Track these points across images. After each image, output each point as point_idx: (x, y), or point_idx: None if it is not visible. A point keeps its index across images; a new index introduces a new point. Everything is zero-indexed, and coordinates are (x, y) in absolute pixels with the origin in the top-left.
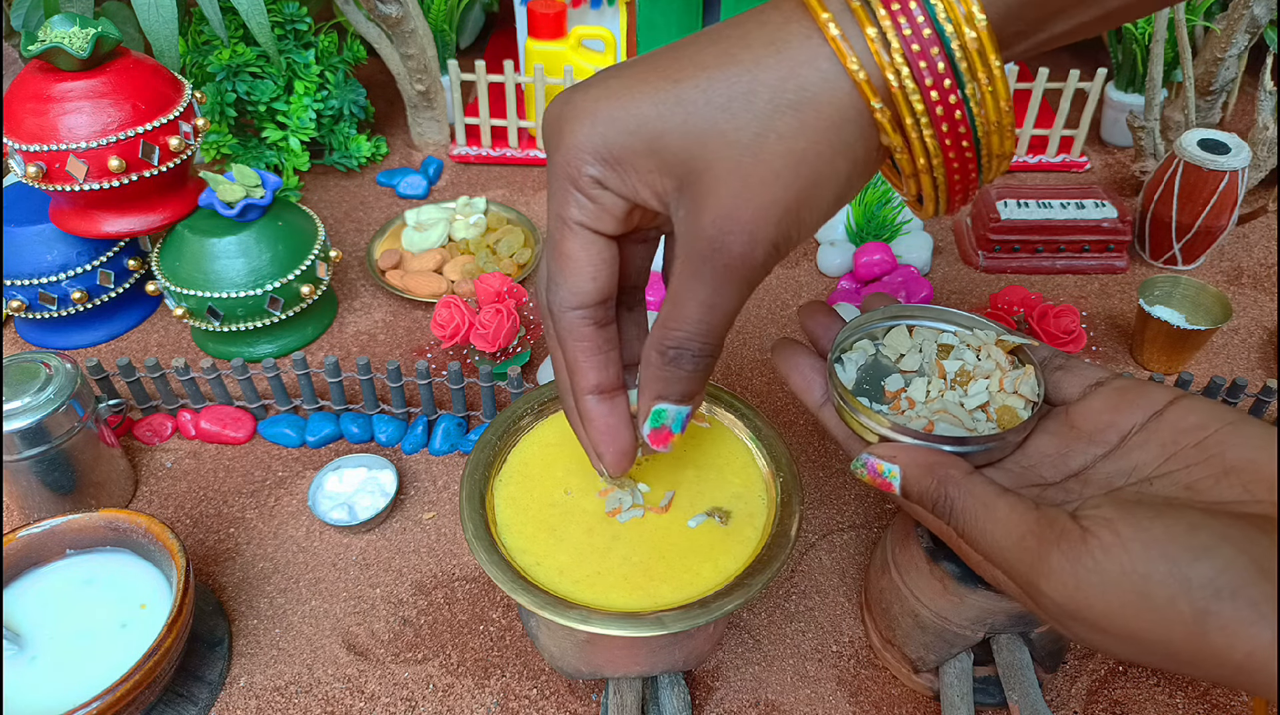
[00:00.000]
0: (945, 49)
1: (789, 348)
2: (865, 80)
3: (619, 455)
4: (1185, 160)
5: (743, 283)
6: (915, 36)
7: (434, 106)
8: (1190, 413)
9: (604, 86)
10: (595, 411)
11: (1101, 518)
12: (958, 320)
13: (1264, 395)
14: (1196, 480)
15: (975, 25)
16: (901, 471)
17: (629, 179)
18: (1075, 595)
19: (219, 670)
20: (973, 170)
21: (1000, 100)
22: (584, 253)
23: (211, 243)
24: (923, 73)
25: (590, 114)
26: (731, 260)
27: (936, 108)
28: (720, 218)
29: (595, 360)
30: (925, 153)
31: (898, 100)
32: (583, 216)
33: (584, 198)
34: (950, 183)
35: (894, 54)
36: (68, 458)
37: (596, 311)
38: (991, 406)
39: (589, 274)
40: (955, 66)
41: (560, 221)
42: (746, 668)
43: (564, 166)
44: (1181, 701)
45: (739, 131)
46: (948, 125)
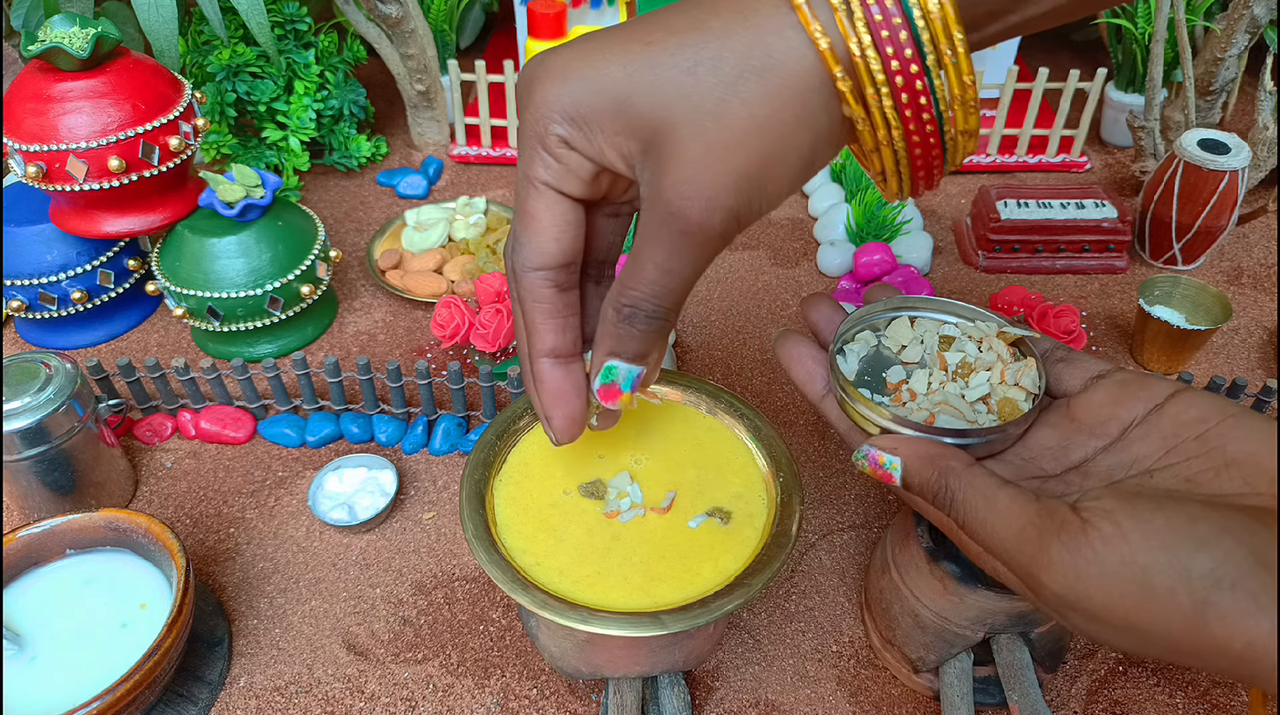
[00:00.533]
0: (909, 20)
1: (791, 339)
2: (829, 49)
3: (567, 420)
4: (1185, 160)
5: (699, 248)
6: (879, 6)
7: (434, 106)
8: (1191, 406)
9: (577, 48)
10: (549, 375)
11: (1102, 509)
12: (960, 312)
13: (1264, 395)
14: (1197, 473)
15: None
16: (903, 463)
17: (595, 140)
18: (1075, 586)
19: (219, 670)
20: (935, 145)
21: (963, 74)
22: (548, 213)
23: (211, 243)
24: (884, 41)
25: (561, 74)
26: (689, 225)
27: (897, 77)
28: (680, 182)
29: (553, 323)
30: (885, 124)
31: (859, 70)
32: (548, 176)
33: (550, 157)
34: (913, 157)
35: (857, 23)
36: (68, 458)
37: (558, 274)
38: (993, 398)
39: (552, 234)
40: (918, 37)
41: (527, 180)
42: (746, 668)
43: (532, 125)
44: (1181, 701)
45: (703, 96)
46: (908, 95)
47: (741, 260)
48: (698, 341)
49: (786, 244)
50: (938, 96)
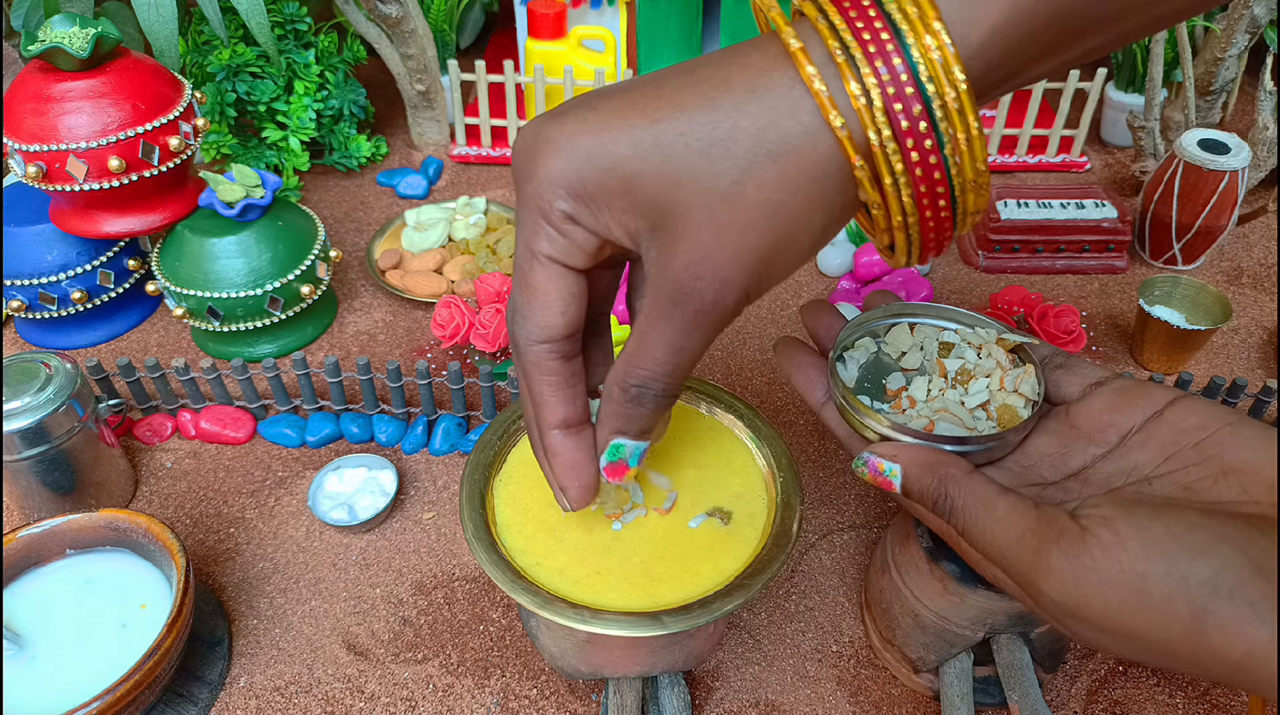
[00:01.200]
0: (927, 109)
1: (791, 346)
2: (848, 137)
3: (582, 490)
4: (1185, 160)
5: (711, 327)
6: (899, 95)
7: (434, 106)
8: (1189, 413)
9: (580, 119)
10: (561, 446)
11: (1101, 517)
12: (959, 318)
13: (1264, 395)
14: (1195, 480)
15: (955, 84)
16: (902, 470)
17: (601, 217)
18: (1074, 593)
19: (219, 670)
20: (947, 227)
21: (977, 161)
22: (553, 287)
23: (211, 243)
24: (904, 133)
25: (566, 148)
26: (702, 306)
27: (916, 169)
28: (693, 263)
29: (561, 395)
30: (901, 211)
31: (878, 158)
32: (553, 250)
33: (555, 232)
34: (924, 238)
35: (876, 112)
36: (68, 458)
37: (563, 345)
38: (992, 405)
39: (558, 308)
40: (936, 126)
41: (529, 254)
42: (746, 668)
43: (535, 199)
44: (1181, 701)
45: (716, 178)
46: (925, 186)
47: None
48: None
49: None
50: (954, 183)
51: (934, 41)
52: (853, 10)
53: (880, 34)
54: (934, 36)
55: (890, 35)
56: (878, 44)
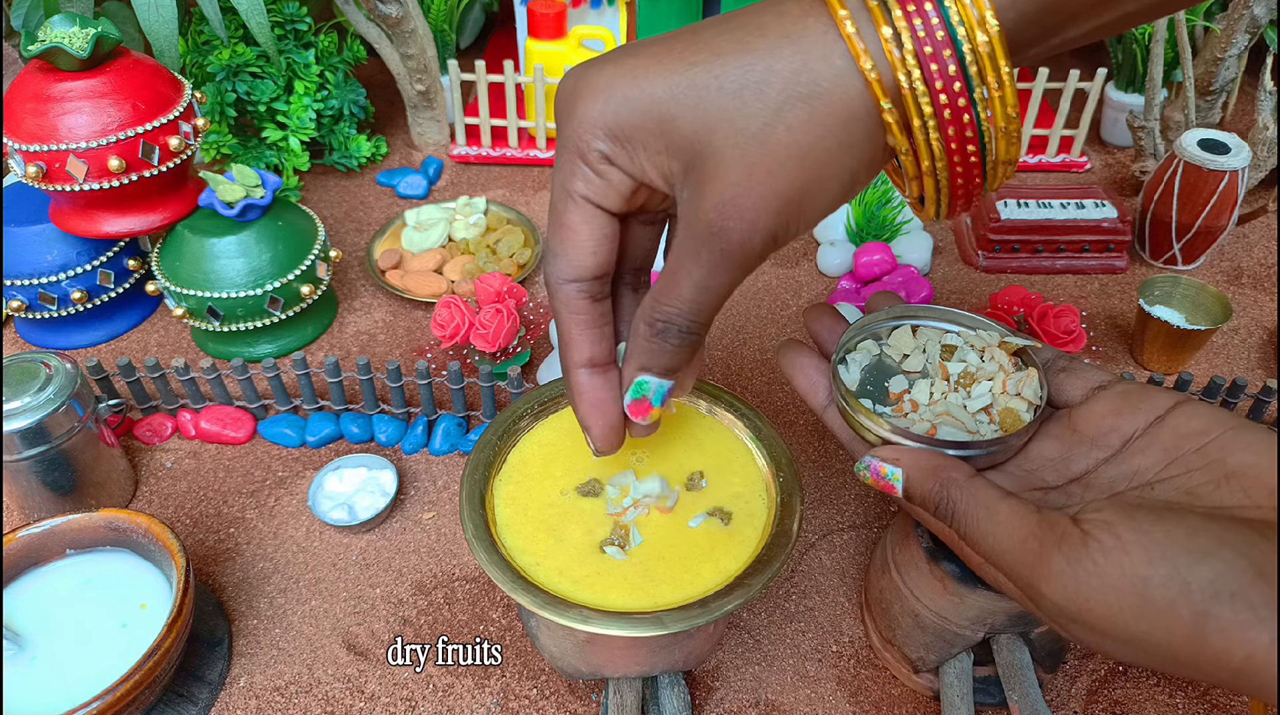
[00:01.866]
0: (957, 52)
1: (794, 349)
2: (877, 80)
3: (606, 429)
4: (1185, 160)
5: (738, 267)
6: (929, 38)
7: (434, 106)
8: (1192, 418)
9: (619, 64)
10: (586, 385)
11: (1102, 521)
12: (962, 321)
13: (1264, 395)
14: (1197, 485)
15: (988, 29)
16: (904, 474)
17: (637, 157)
18: (1076, 598)
19: (219, 670)
20: (977, 175)
21: (1008, 106)
22: (585, 227)
23: (211, 243)
24: (933, 75)
25: (604, 90)
26: (729, 245)
27: (945, 110)
28: (722, 203)
29: (589, 334)
30: (930, 155)
31: (907, 102)
32: (588, 190)
33: (591, 172)
34: (954, 186)
35: (906, 55)
36: (68, 458)
37: (592, 286)
38: (994, 408)
39: (589, 248)
40: (965, 70)
41: (565, 193)
42: (746, 668)
43: (573, 139)
44: (1181, 701)
45: (748, 119)
46: (954, 129)
47: None
48: None
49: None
50: (983, 128)
51: (983, 29)
52: None
53: None
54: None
55: None
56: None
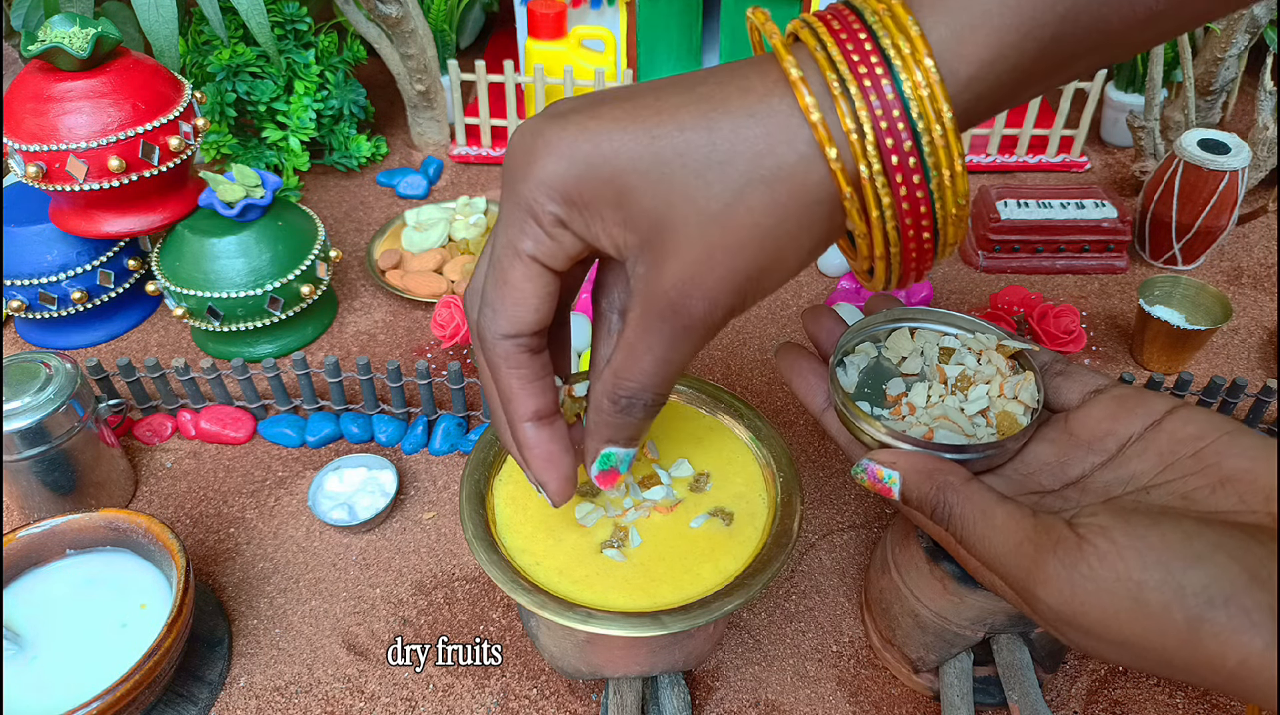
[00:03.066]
0: (917, 145)
1: (792, 352)
2: (841, 168)
3: (562, 481)
4: (1185, 160)
5: (698, 340)
6: (890, 130)
7: (434, 106)
8: (1188, 423)
9: (580, 125)
10: (534, 439)
11: (1098, 525)
12: (960, 323)
13: (1264, 395)
14: (1193, 490)
15: (943, 121)
16: (901, 478)
17: (593, 225)
18: (1071, 602)
19: (219, 670)
20: (928, 257)
21: (959, 196)
22: (530, 284)
23: (211, 243)
24: (894, 168)
25: (564, 152)
26: (691, 322)
27: (904, 203)
28: (683, 281)
29: (531, 387)
30: (885, 241)
31: (866, 190)
32: (537, 251)
33: (542, 233)
34: (905, 266)
35: (868, 145)
36: (68, 458)
37: (532, 340)
38: (991, 412)
39: (532, 306)
40: (924, 162)
41: (512, 251)
42: (746, 668)
43: (527, 198)
44: (1181, 701)
45: (710, 200)
46: (911, 218)
47: None
48: None
49: None
50: (937, 216)
51: (924, 78)
52: (849, 43)
53: (875, 68)
54: (924, 73)
55: (884, 70)
56: (873, 78)
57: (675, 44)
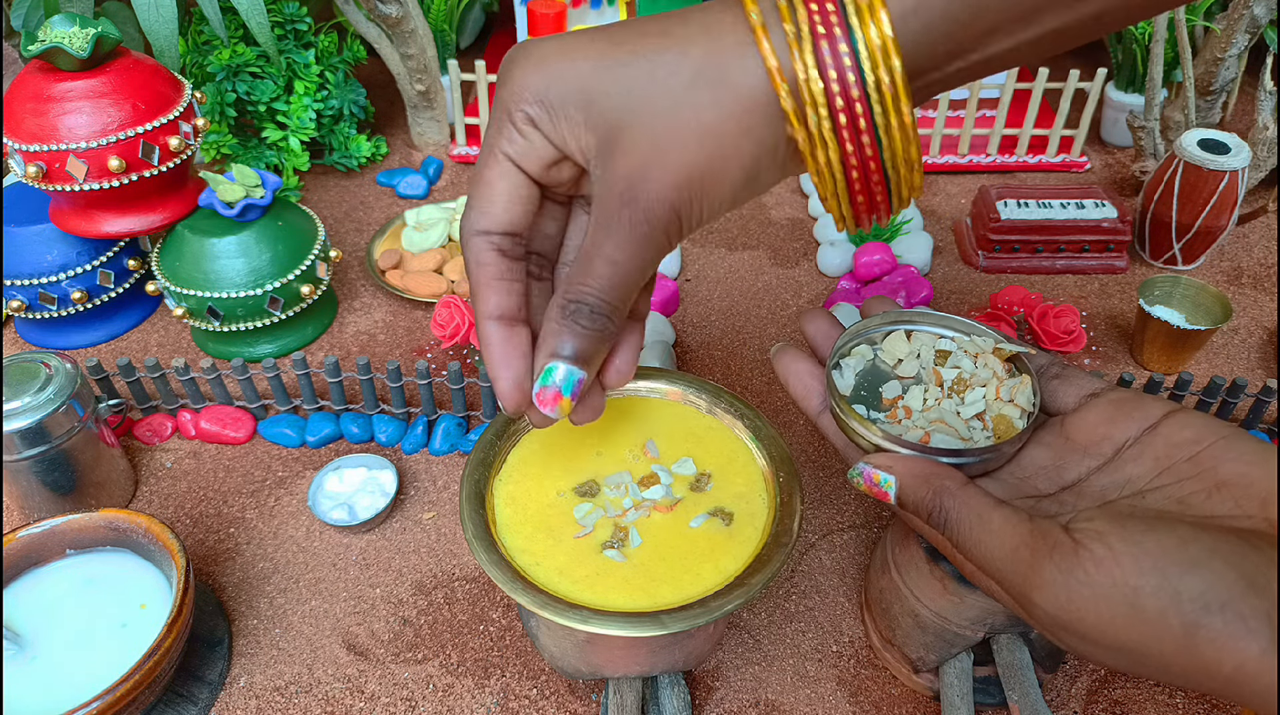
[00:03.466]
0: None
1: (789, 354)
2: (777, 68)
3: (512, 383)
4: (1185, 160)
5: (645, 239)
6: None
7: (434, 106)
8: (1184, 427)
9: (560, 41)
10: (493, 337)
11: (1094, 530)
12: (956, 326)
13: (1264, 395)
14: (1189, 494)
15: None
16: (897, 482)
17: (559, 126)
18: (1067, 607)
19: (219, 670)
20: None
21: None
22: (503, 182)
23: (211, 243)
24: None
25: (541, 62)
26: (635, 216)
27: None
28: (630, 173)
29: (497, 286)
30: (824, 145)
31: (802, 91)
32: (511, 149)
33: (516, 132)
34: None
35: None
36: (68, 458)
37: (504, 240)
38: (988, 415)
39: (503, 203)
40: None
41: (490, 150)
42: (746, 668)
43: (505, 101)
44: (1181, 702)
45: (659, 99)
46: (846, 117)
47: (741, 260)
48: (698, 341)
49: (786, 244)
50: (877, 123)
51: (877, 29)
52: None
53: (830, 17)
54: (878, 25)
55: (839, 20)
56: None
57: None
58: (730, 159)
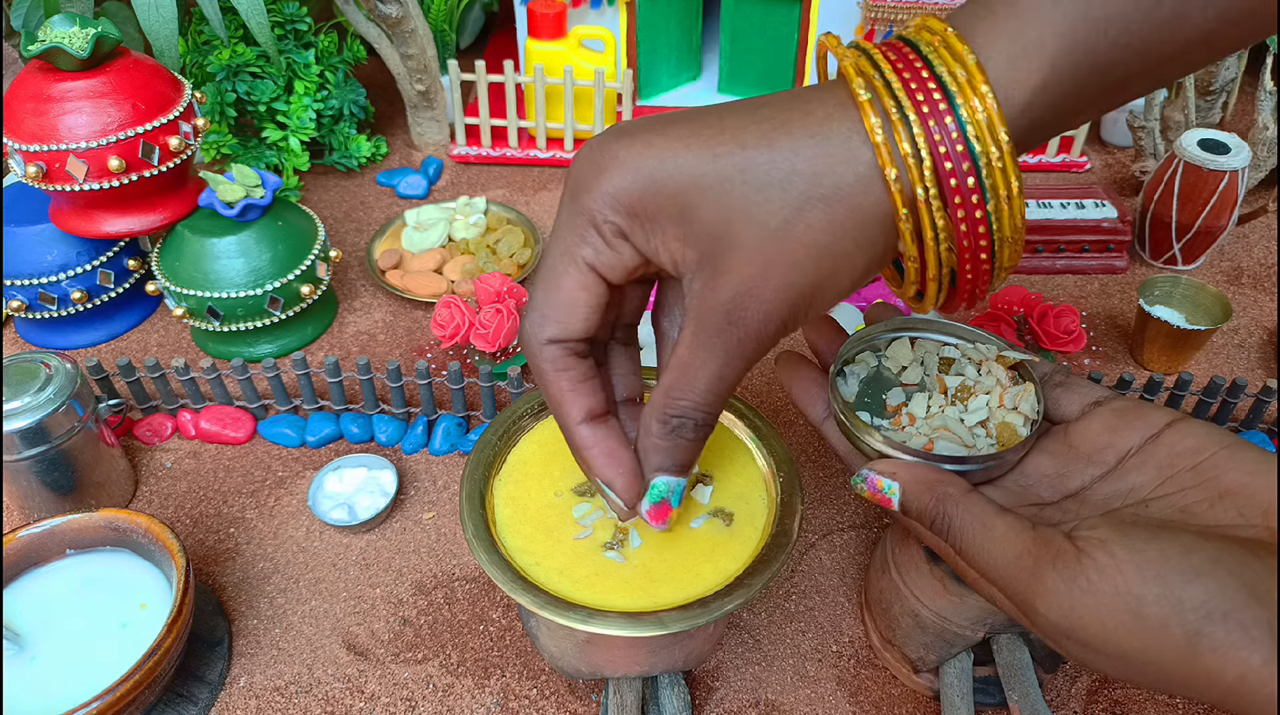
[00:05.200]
0: (975, 166)
1: (793, 361)
2: (899, 190)
3: (628, 477)
4: (1185, 160)
5: (752, 355)
6: (949, 154)
7: (434, 106)
8: (1187, 436)
9: (646, 143)
10: (591, 439)
11: (1097, 539)
12: (960, 333)
13: (1264, 395)
14: (1192, 503)
15: (1000, 144)
16: (901, 489)
17: (653, 239)
18: (1070, 615)
19: (219, 670)
20: (985, 277)
21: (1015, 217)
22: (584, 293)
23: (211, 243)
24: (952, 190)
25: (631, 167)
26: (745, 335)
27: (961, 224)
28: (740, 295)
29: (581, 388)
30: (938, 263)
31: (922, 213)
32: (596, 260)
33: (602, 243)
34: (961, 287)
35: (925, 169)
36: (68, 458)
37: (579, 345)
38: (991, 423)
39: (583, 314)
40: (982, 183)
41: (569, 258)
42: (746, 668)
43: (590, 208)
44: (1181, 702)
45: (770, 216)
46: (969, 240)
47: None
48: None
49: None
50: (995, 238)
51: (980, 104)
52: (906, 71)
53: (933, 94)
54: (981, 99)
55: (942, 96)
56: (930, 104)
57: (675, 44)
58: (843, 273)
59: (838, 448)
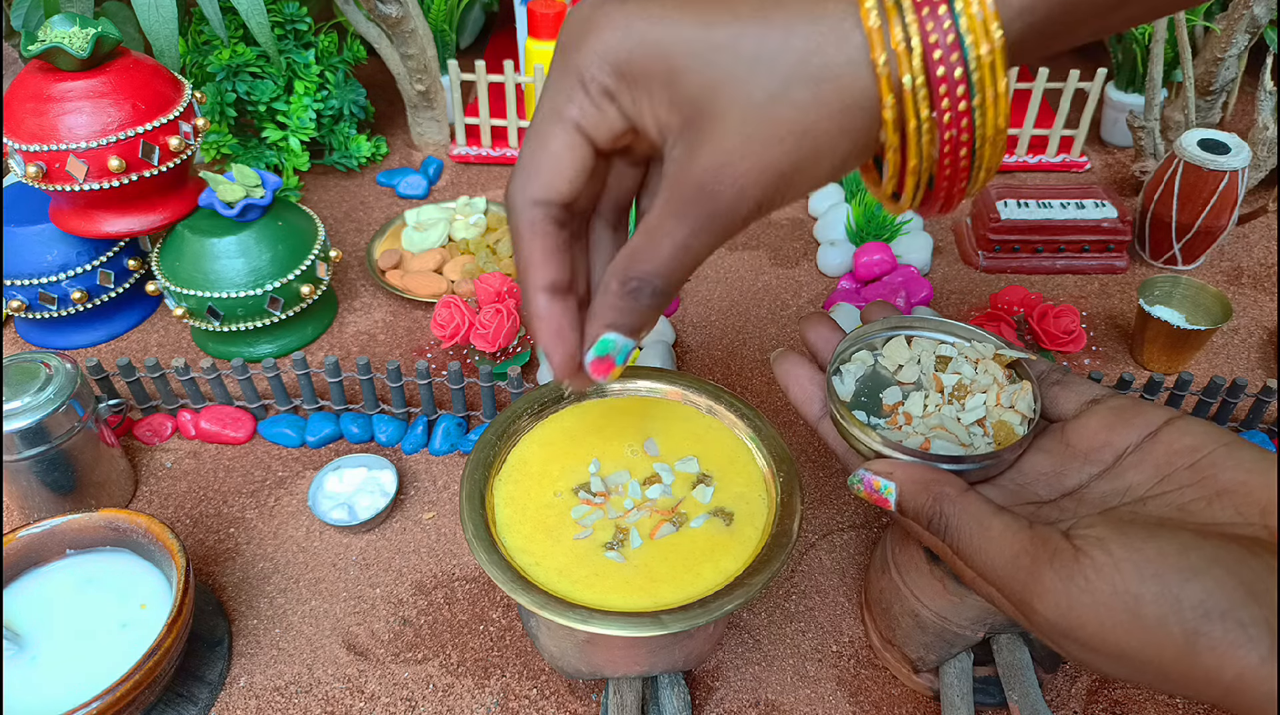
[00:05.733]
0: (964, 59)
1: (789, 360)
2: (887, 75)
3: (566, 356)
4: (1185, 160)
5: (720, 230)
6: (940, 43)
7: (434, 106)
8: (1185, 434)
9: (639, 4)
10: (546, 310)
11: (1094, 537)
12: (957, 332)
13: (1264, 395)
14: (1189, 501)
15: (991, 39)
16: (898, 488)
17: (639, 100)
18: (1067, 614)
19: (219, 670)
20: (963, 176)
21: (999, 117)
22: (569, 153)
23: (211, 243)
24: (939, 79)
25: (622, 26)
26: (717, 209)
27: (945, 115)
28: (716, 166)
29: (552, 258)
30: (919, 155)
31: (907, 101)
32: (582, 119)
33: (588, 101)
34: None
35: (915, 57)
36: (68, 458)
37: (560, 211)
38: (988, 421)
39: (568, 175)
40: (970, 78)
41: (555, 117)
42: (746, 668)
43: (579, 66)
44: (1181, 702)
45: (756, 89)
46: (950, 133)
47: (741, 260)
48: (698, 341)
49: (786, 244)
50: (977, 135)
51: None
52: None
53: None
54: None
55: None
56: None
57: None
58: (823, 157)
59: (835, 447)
